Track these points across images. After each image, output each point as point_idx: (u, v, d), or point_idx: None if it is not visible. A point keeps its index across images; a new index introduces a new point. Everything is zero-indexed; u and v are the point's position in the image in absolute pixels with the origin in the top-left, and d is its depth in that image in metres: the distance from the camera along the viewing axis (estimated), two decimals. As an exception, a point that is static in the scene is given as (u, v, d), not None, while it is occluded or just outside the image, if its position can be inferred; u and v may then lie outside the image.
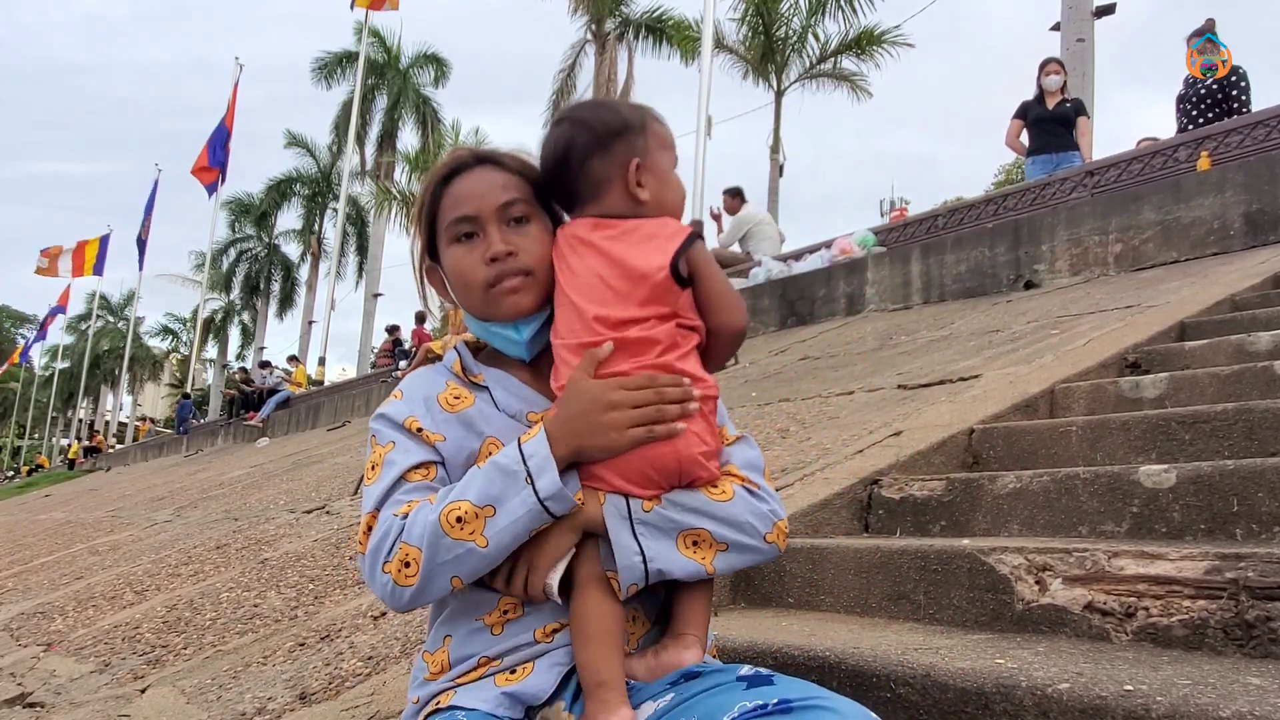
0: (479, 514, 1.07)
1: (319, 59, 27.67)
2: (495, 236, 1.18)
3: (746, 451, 1.25)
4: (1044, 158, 7.42)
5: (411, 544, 1.08)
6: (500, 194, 1.19)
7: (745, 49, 17.62)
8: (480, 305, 1.21)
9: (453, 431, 1.18)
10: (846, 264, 7.26)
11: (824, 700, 0.96)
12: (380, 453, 1.18)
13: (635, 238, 1.15)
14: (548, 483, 1.07)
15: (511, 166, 1.23)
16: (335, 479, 6.37)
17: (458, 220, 1.20)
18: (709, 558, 1.13)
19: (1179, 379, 2.75)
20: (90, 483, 17.12)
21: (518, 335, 1.21)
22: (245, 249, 34.81)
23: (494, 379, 1.24)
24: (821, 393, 4.15)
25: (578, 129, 1.19)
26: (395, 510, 1.11)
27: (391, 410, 1.21)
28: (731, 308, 1.18)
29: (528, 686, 1.11)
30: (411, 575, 1.08)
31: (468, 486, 1.09)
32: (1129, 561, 1.53)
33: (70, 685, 2.92)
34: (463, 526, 1.06)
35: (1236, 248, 4.86)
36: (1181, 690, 1.15)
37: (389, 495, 1.13)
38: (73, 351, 48.57)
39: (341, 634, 2.71)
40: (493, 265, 1.17)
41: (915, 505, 2.32)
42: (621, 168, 1.18)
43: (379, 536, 1.10)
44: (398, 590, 1.09)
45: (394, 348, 16.62)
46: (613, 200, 1.18)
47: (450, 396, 1.22)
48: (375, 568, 1.10)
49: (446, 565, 1.07)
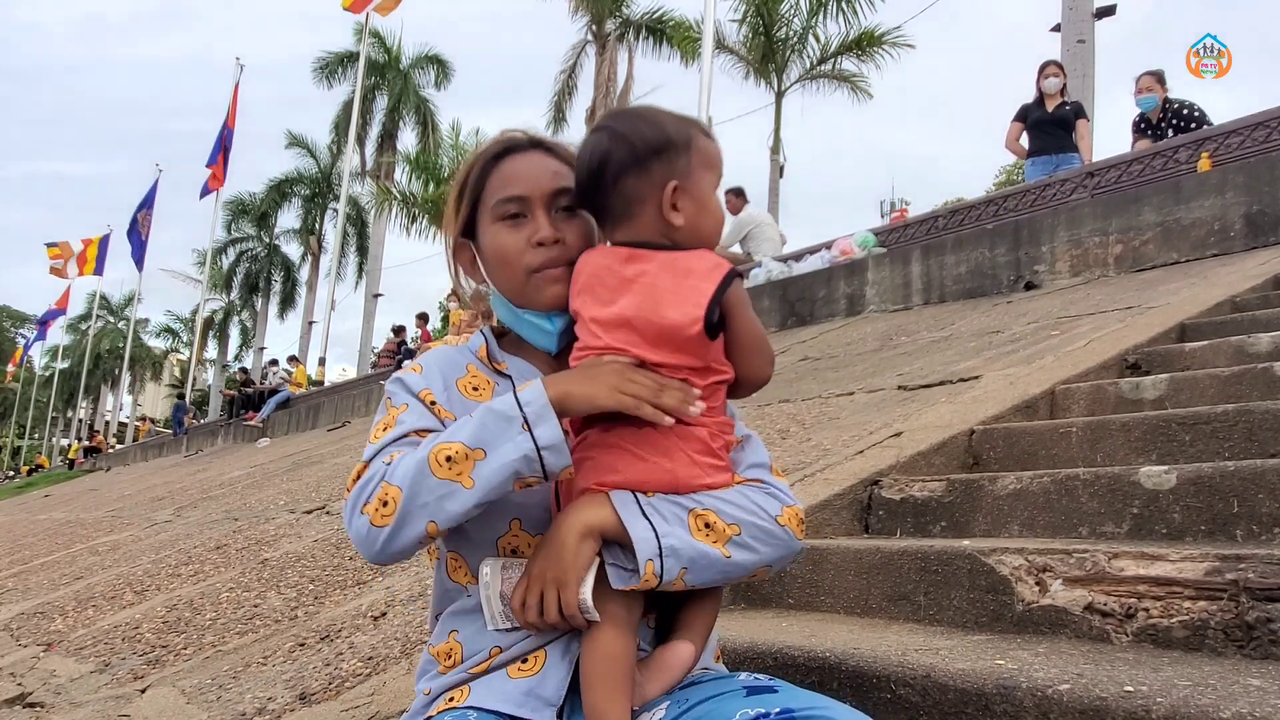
0: (469, 455, 1.02)
1: (320, 59, 27.70)
2: (544, 221, 1.16)
3: (752, 454, 1.20)
4: (1043, 159, 7.43)
5: (394, 483, 1.02)
6: (553, 180, 1.17)
7: (745, 50, 17.60)
8: (519, 289, 1.18)
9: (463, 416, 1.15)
10: (847, 265, 7.27)
11: (827, 710, 0.95)
12: (394, 414, 1.14)
13: (669, 277, 1.08)
14: (546, 431, 1.02)
15: (563, 156, 1.21)
16: (335, 479, 6.37)
17: (507, 199, 1.17)
18: (722, 541, 1.07)
19: (1179, 380, 2.75)
20: (90, 483, 17.12)
21: (550, 326, 1.18)
22: (245, 249, 34.83)
23: (518, 370, 1.20)
24: (822, 393, 4.15)
25: (615, 142, 1.12)
26: (385, 459, 1.07)
27: (410, 379, 1.17)
28: (761, 356, 1.14)
29: (545, 681, 1.08)
30: (388, 515, 1.02)
31: (459, 429, 1.05)
32: (1129, 562, 1.53)
33: (70, 685, 2.92)
34: (451, 466, 1.01)
35: (1237, 249, 4.86)
36: (1182, 691, 1.15)
37: (387, 447, 1.09)
38: (73, 351, 48.59)
39: (341, 634, 2.71)
40: (539, 250, 1.15)
41: (915, 506, 2.32)
42: (657, 189, 1.10)
43: (363, 481, 1.06)
44: (372, 531, 1.03)
45: (398, 349, 16.61)
46: (645, 223, 1.11)
47: (469, 384, 1.19)
48: (355, 510, 1.05)
49: (426, 507, 1.02)
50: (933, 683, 1.35)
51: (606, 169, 1.11)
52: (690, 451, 1.09)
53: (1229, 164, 5.39)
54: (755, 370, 1.14)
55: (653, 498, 1.07)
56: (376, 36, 25.58)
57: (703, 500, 1.08)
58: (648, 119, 1.14)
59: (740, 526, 1.08)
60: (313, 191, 31.89)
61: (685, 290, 1.06)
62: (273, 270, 34.62)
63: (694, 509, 1.07)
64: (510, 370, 1.21)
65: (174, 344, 49.02)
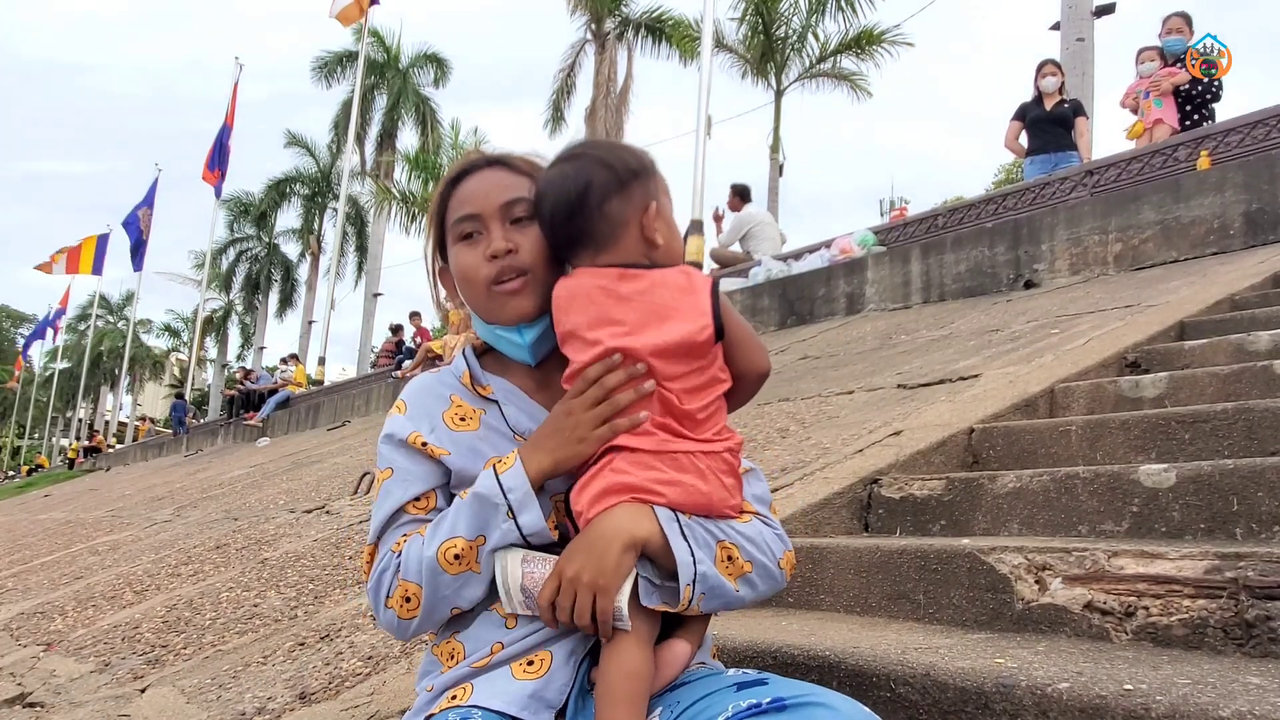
0: (472, 545, 1.10)
1: (319, 58, 27.67)
2: (497, 234, 1.18)
3: (755, 486, 1.26)
4: (1042, 158, 7.43)
5: (410, 580, 1.12)
6: (503, 193, 1.20)
7: (745, 48, 17.59)
8: (484, 305, 1.21)
9: (458, 449, 1.18)
10: (846, 264, 7.26)
11: (819, 697, 0.97)
12: (380, 479, 1.21)
13: (668, 293, 1.12)
14: (530, 519, 1.10)
15: (520, 168, 1.23)
16: (335, 479, 6.37)
17: (461, 219, 1.20)
18: (735, 576, 1.13)
19: (1179, 378, 2.75)
20: (90, 482, 17.12)
21: (520, 339, 1.20)
22: (245, 248, 34.81)
23: (503, 393, 1.24)
24: (821, 392, 4.15)
25: (597, 167, 1.15)
26: (392, 546, 1.15)
27: (395, 428, 1.21)
28: (758, 349, 1.20)
29: (550, 684, 1.09)
30: (414, 609, 1.12)
31: (457, 522, 1.12)
32: (1129, 561, 1.53)
33: (70, 685, 2.92)
34: (460, 561, 1.10)
35: (1236, 247, 4.86)
36: (1181, 690, 1.15)
37: (386, 528, 1.17)
38: (73, 351, 48.57)
39: (341, 634, 2.71)
40: (493, 262, 1.17)
41: (915, 505, 2.32)
42: (639, 211, 1.16)
43: (378, 573, 1.15)
44: (402, 623, 1.14)
45: (397, 348, 16.60)
46: (628, 246, 1.15)
47: (456, 415, 1.22)
48: (378, 603, 1.15)
49: (448, 598, 1.12)
50: (932, 681, 1.35)
51: (590, 193, 1.14)
52: (719, 473, 1.13)
53: (1228, 162, 5.38)
54: (755, 363, 1.19)
55: (690, 520, 1.11)
56: (376, 36, 25.57)
57: (729, 533, 1.14)
58: (619, 146, 1.21)
59: (754, 565, 1.15)
60: (312, 191, 31.86)
61: (687, 303, 1.11)
62: (272, 270, 34.60)
63: (722, 540, 1.13)
64: (496, 394, 1.23)
65: (174, 344, 49.06)
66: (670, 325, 1.10)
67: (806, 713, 0.94)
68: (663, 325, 1.10)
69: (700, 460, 1.12)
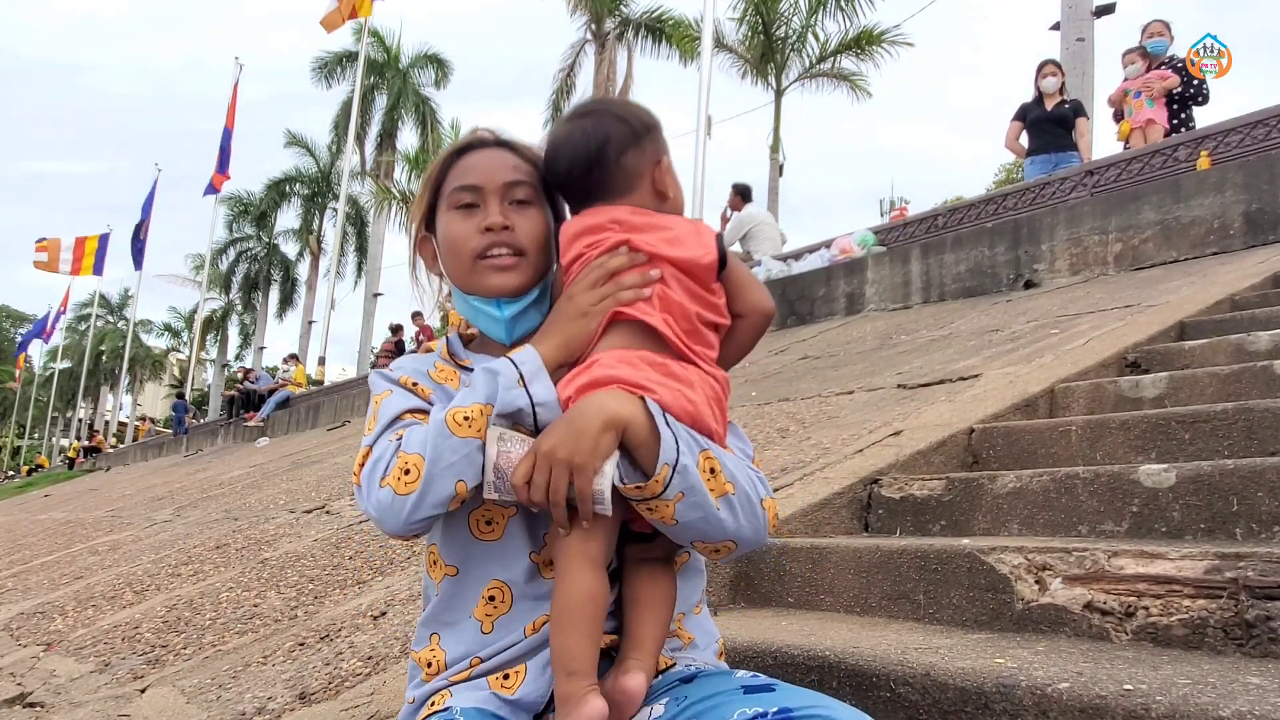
0: (484, 411, 1.08)
1: (319, 58, 27.67)
2: (495, 209, 1.19)
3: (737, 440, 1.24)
4: (1042, 158, 7.43)
5: (411, 451, 1.07)
6: (508, 173, 1.21)
7: (745, 49, 17.61)
8: (466, 275, 1.21)
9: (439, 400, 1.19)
10: (846, 264, 7.27)
11: (825, 709, 0.95)
12: (378, 400, 1.19)
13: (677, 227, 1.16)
14: (541, 389, 1.09)
15: (525, 155, 1.25)
16: (335, 479, 6.37)
17: (461, 189, 1.21)
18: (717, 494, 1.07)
19: (1179, 378, 2.75)
20: (90, 482, 17.12)
21: (499, 312, 1.21)
22: (245, 248, 34.82)
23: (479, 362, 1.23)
24: (821, 392, 4.15)
25: (614, 121, 1.19)
26: (391, 437, 1.12)
27: (386, 372, 1.24)
28: (760, 289, 1.22)
29: (525, 695, 1.10)
30: (412, 481, 1.05)
31: (468, 394, 1.10)
32: (1129, 561, 1.53)
33: (70, 685, 2.92)
34: (470, 424, 1.06)
35: (1236, 247, 4.86)
36: (1181, 690, 1.15)
37: (385, 431, 1.14)
38: (73, 351, 48.57)
39: (341, 634, 2.71)
40: (486, 235, 1.18)
41: (915, 505, 2.32)
42: (651, 164, 1.19)
43: (374, 459, 1.10)
44: (397, 500, 1.05)
45: (396, 347, 16.60)
46: (640, 198, 1.19)
47: (438, 376, 1.23)
48: (372, 486, 1.08)
49: (453, 466, 1.05)
50: (932, 681, 1.35)
51: (609, 146, 1.17)
52: (708, 394, 1.13)
53: (1228, 162, 5.39)
54: (757, 300, 1.21)
55: (675, 421, 1.08)
56: (376, 36, 25.57)
57: (711, 446, 1.10)
58: (629, 103, 1.25)
59: (734, 487, 1.10)
60: (312, 191, 31.87)
61: (694, 238, 1.16)
62: (272, 270, 34.61)
63: (705, 449, 1.09)
64: (473, 365, 1.24)
65: (174, 344, 49.05)
66: (677, 247, 1.14)
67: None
68: (671, 245, 1.14)
69: (691, 372, 1.12)
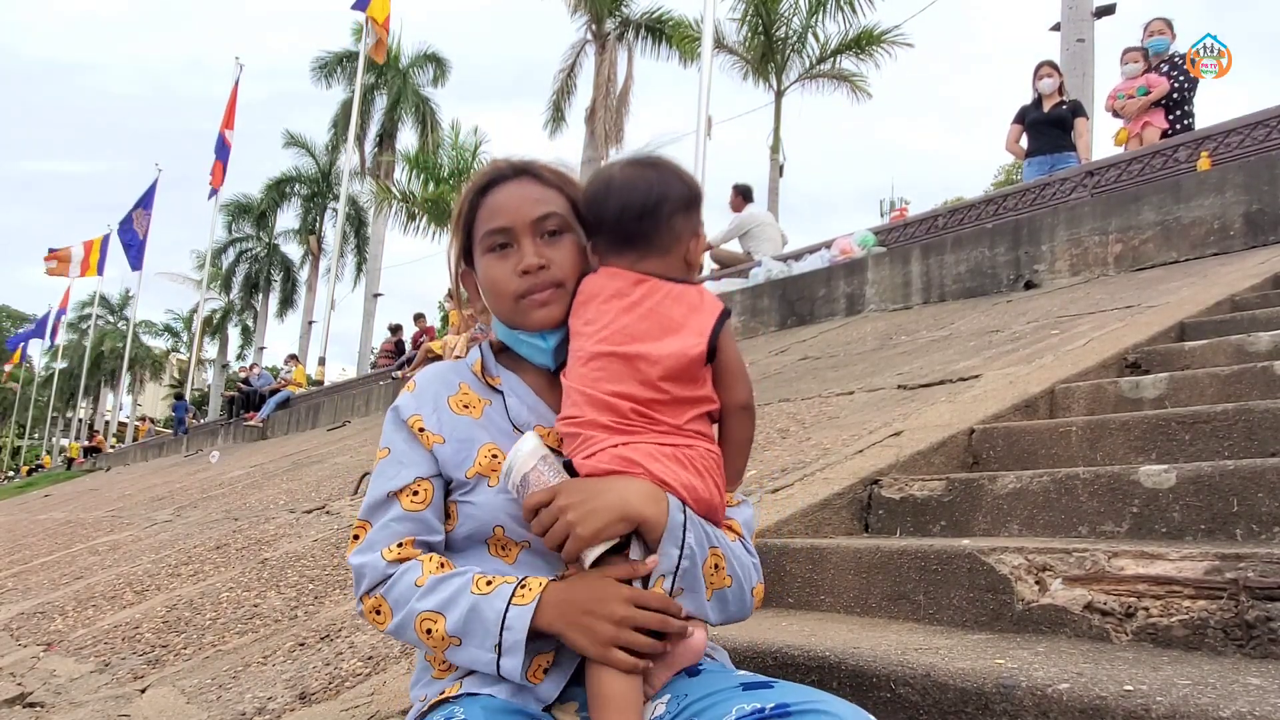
0: (446, 640, 1.12)
1: (319, 58, 27.67)
2: (529, 249, 1.20)
3: (745, 512, 1.30)
4: (1039, 160, 7.44)
5: (388, 602, 1.16)
6: (535, 208, 1.22)
7: (745, 49, 17.59)
8: (510, 314, 1.23)
9: (454, 436, 1.21)
10: (846, 264, 7.26)
11: (822, 704, 0.96)
12: (379, 457, 1.24)
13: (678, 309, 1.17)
14: (510, 665, 1.08)
15: (549, 180, 1.25)
16: (335, 479, 6.37)
17: (492, 231, 1.22)
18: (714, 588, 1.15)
19: (1179, 379, 2.75)
20: (90, 483, 17.12)
21: (544, 344, 1.23)
22: (245, 249, 34.81)
23: (510, 385, 1.26)
24: (821, 393, 4.15)
25: (676, 182, 1.22)
26: (385, 546, 1.17)
27: (402, 403, 1.26)
28: (745, 383, 1.23)
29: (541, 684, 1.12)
30: (381, 622, 1.18)
31: (450, 604, 1.11)
32: (1129, 561, 1.53)
33: (70, 685, 2.92)
34: (429, 637, 1.13)
35: (1236, 248, 4.86)
36: (1181, 690, 1.15)
37: (376, 511, 1.20)
38: (73, 351, 48.55)
39: (341, 634, 2.71)
40: (525, 278, 1.20)
41: (915, 505, 2.32)
42: (691, 235, 1.23)
43: (359, 563, 1.19)
44: (371, 623, 1.21)
45: (396, 347, 16.60)
46: (671, 261, 1.21)
47: (460, 402, 1.24)
48: (357, 588, 1.20)
49: (408, 638, 1.17)
50: (932, 682, 1.35)
51: (667, 202, 1.20)
52: (712, 472, 1.17)
53: (1228, 163, 5.38)
54: (739, 395, 1.23)
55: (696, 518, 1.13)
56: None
57: (720, 541, 1.17)
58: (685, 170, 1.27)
59: (732, 581, 1.17)
60: (312, 191, 31.86)
61: (693, 320, 1.17)
62: (272, 270, 34.60)
63: (714, 547, 1.15)
64: (503, 385, 1.26)
65: (174, 344, 49.04)
66: (669, 339, 1.15)
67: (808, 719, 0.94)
68: (663, 337, 1.15)
69: (698, 459, 1.15)
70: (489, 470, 1.18)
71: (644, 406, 1.14)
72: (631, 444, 1.13)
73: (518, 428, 1.22)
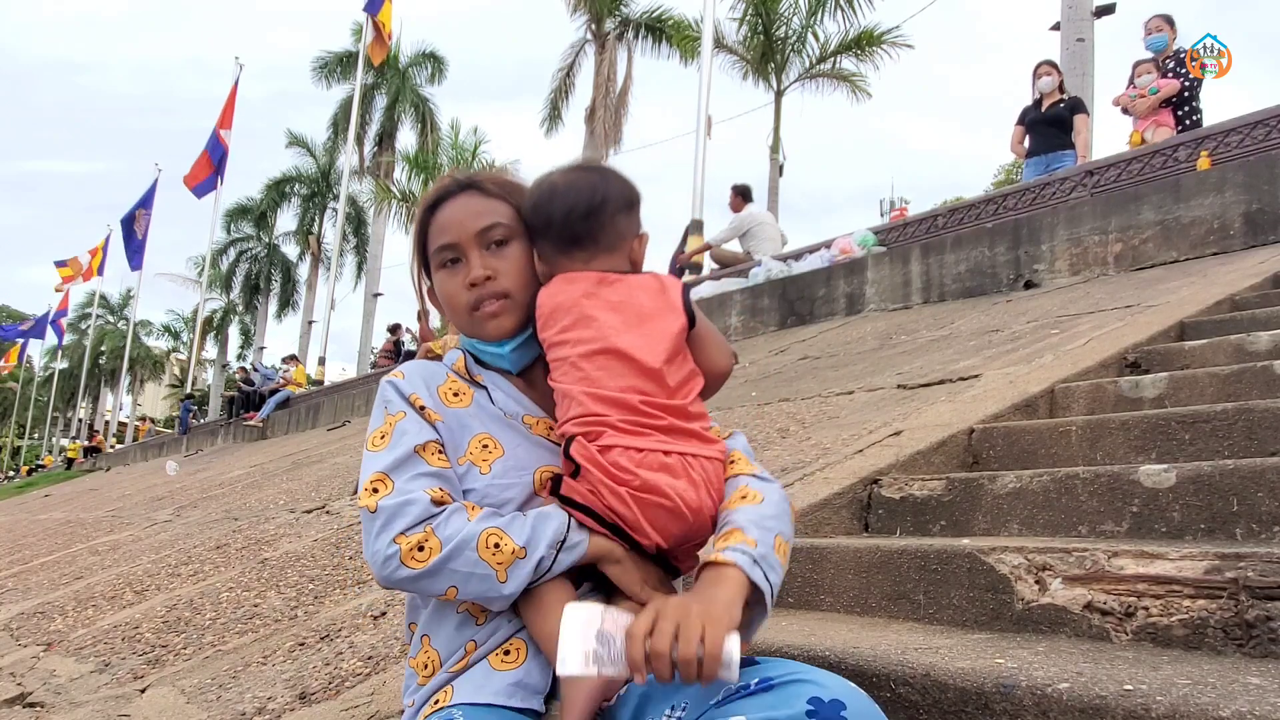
0: (514, 553, 1.11)
1: (319, 58, 27.68)
2: (475, 262, 1.23)
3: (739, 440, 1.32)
4: (1037, 159, 7.45)
5: (438, 536, 1.09)
6: (478, 220, 1.24)
7: (745, 49, 17.60)
8: (466, 326, 1.28)
9: (447, 423, 1.23)
10: (846, 264, 7.26)
11: (804, 674, 1.01)
12: (391, 421, 1.21)
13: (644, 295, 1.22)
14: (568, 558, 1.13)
15: (493, 191, 1.28)
16: (335, 479, 6.37)
17: (442, 248, 1.26)
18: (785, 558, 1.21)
19: (1179, 379, 2.75)
20: (90, 483, 17.12)
21: (502, 350, 1.27)
22: (245, 249, 34.81)
23: (492, 380, 1.30)
24: (821, 392, 4.15)
25: (618, 183, 1.27)
26: (425, 486, 1.13)
27: (398, 382, 1.25)
28: (723, 349, 1.29)
29: (531, 673, 1.13)
30: (422, 560, 1.08)
31: (513, 524, 1.13)
32: (1129, 561, 1.53)
33: (70, 685, 2.92)
34: (495, 551, 1.10)
35: (1236, 247, 4.86)
36: (1181, 690, 1.15)
37: (404, 463, 1.15)
38: (73, 351, 48.55)
39: (341, 634, 2.71)
40: (473, 290, 1.23)
41: (915, 505, 2.32)
42: (634, 234, 1.28)
43: (398, 500, 1.11)
44: (399, 567, 1.09)
45: (395, 347, 16.59)
46: (616, 260, 1.26)
47: (449, 391, 1.27)
48: (385, 531, 1.10)
49: (456, 574, 1.09)
50: (932, 681, 1.35)
51: (609, 203, 1.24)
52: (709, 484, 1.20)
53: (1228, 163, 5.38)
54: (718, 361, 1.28)
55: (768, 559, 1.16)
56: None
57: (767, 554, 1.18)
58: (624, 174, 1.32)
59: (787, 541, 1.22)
60: (312, 191, 31.86)
61: (662, 301, 1.22)
62: (272, 270, 34.60)
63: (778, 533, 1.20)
64: (485, 381, 1.29)
65: (174, 344, 49.04)
66: (650, 325, 1.19)
67: (791, 689, 0.98)
68: (643, 326, 1.19)
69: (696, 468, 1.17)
70: (480, 460, 1.20)
71: (651, 396, 1.16)
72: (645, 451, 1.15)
73: (509, 416, 1.25)
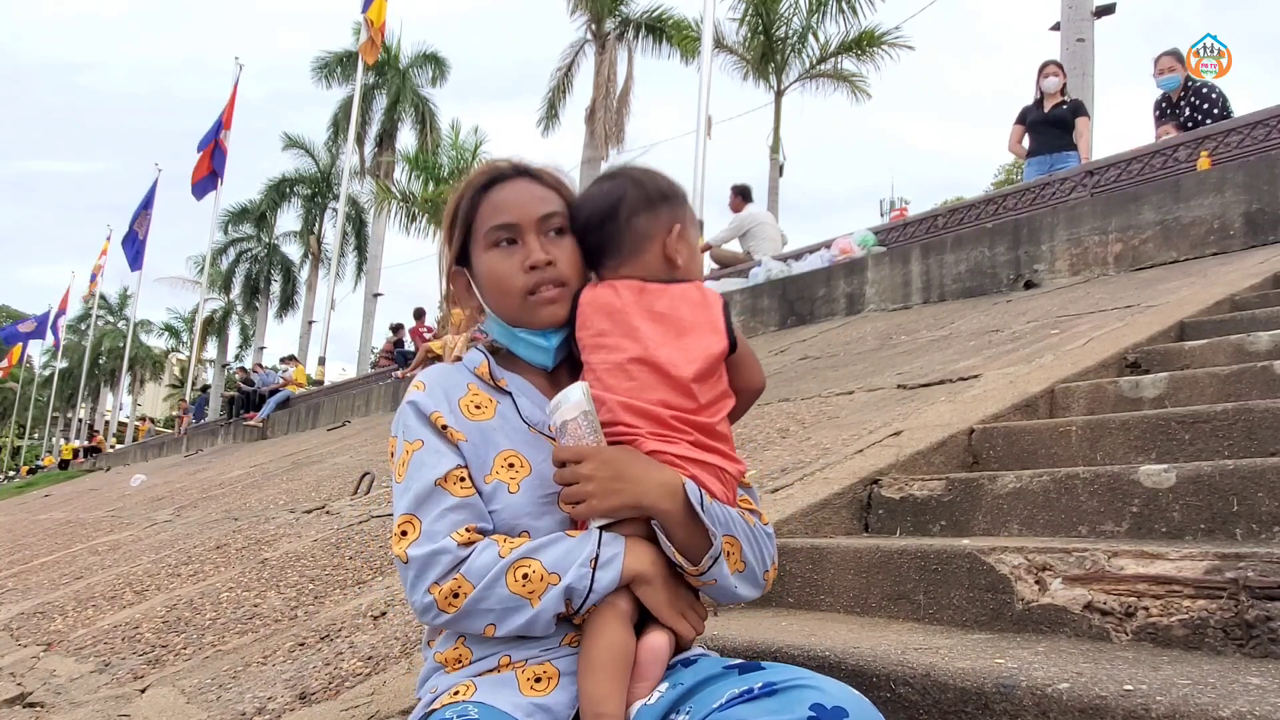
0: (545, 578, 1.10)
1: (319, 58, 27.66)
2: (535, 245, 1.22)
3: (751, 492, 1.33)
4: (1038, 160, 7.44)
5: (469, 579, 1.10)
6: (541, 205, 1.23)
7: (745, 49, 17.59)
8: (515, 311, 1.24)
9: (472, 440, 1.20)
10: (846, 264, 7.26)
11: (806, 680, 1.01)
12: (410, 450, 1.19)
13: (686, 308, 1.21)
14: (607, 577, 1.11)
15: (548, 181, 1.27)
16: (335, 479, 6.37)
17: (498, 227, 1.23)
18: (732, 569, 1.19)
19: (1179, 379, 2.75)
20: (90, 482, 17.12)
21: (547, 343, 1.24)
22: (245, 249, 34.80)
23: (517, 386, 1.27)
24: (821, 392, 4.15)
25: (630, 185, 1.25)
26: (451, 527, 1.13)
27: (419, 399, 1.22)
28: (757, 366, 1.28)
29: (556, 703, 1.11)
30: (455, 604, 1.11)
31: (541, 549, 1.12)
32: (1129, 561, 1.53)
33: (70, 685, 2.92)
34: (524, 583, 1.10)
35: (1236, 247, 4.86)
36: (1181, 690, 1.15)
37: (427, 500, 1.15)
38: (73, 351, 48.54)
39: (341, 634, 2.71)
40: (532, 273, 1.21)
41: (915, 505, 2.32)
42: (663, 230, 1.25)
43: (427, 550, 1.12)
44: (439, 614, 1.12)
45: (396, 347, 16.58)
46: (649, 261, 1.24)
47: (471, 404, 1.23)
48: (420, 581, 1.12)
49: (491, 612, 1.11)
50: (932, 681, 1.35)
51: (621, 206, 1.24)
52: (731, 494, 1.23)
53: (1228, 163, 5.38)
54: (753, 379, 1.28)
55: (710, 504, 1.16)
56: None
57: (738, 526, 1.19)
58: (654, 171, 1.30)
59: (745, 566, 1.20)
60: (312, 191, 31.85)
61: (703, 318, 1.21)
62: (272, 270, 34.59)
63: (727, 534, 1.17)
64: (510, 387, 1.26)
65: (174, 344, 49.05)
66: (688, 340, 1.18)
67: (793, 694, 0.98)
68: (682, 339, 1.18)
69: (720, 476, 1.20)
70: (508, 478, 1.17)
71: (682, 411, 1.17)
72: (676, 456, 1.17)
73: (532, 426, 1.22)
